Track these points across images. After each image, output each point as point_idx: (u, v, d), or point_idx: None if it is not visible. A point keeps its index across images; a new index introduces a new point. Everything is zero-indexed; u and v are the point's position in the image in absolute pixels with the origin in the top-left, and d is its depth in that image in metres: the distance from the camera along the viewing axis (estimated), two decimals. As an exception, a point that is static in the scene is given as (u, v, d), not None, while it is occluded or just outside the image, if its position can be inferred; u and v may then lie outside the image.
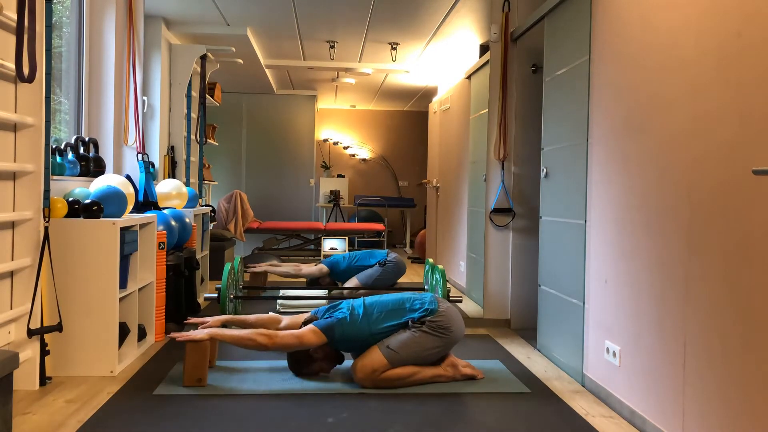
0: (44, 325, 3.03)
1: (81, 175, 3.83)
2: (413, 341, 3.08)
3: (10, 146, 2.91)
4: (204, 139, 6.16)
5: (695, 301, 2.24)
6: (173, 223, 4.24)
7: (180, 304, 4.32)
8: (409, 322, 3.12)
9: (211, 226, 6.04)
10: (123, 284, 3.45)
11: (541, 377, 3.32)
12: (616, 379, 2.85)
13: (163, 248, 3.92)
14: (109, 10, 4.39)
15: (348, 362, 3.52)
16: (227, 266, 4.24)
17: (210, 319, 3.25)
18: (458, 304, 5.04)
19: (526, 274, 4.53)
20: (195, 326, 3.29)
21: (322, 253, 7.65)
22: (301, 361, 3.20)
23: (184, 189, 4.76)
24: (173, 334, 3.06)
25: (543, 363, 3.61)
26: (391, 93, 9.06)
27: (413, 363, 3.09)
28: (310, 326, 3.10)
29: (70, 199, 3.32)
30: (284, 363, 3.43)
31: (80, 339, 3.19)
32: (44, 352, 3.03)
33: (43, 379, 3.02)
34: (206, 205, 6.21)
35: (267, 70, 7.48)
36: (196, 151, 6.07)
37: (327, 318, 3.14)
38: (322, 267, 5.30)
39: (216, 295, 4.35)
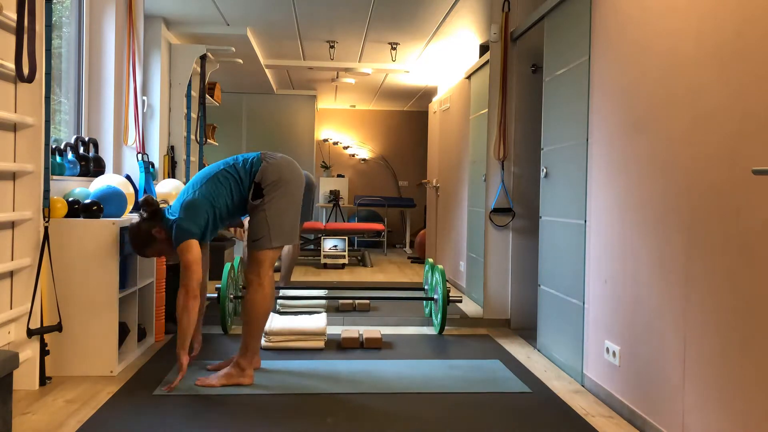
0: (44, 325, 3.03)
1: (81, 175, 3.83)
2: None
3: (10, 146, 2.91)
4: (204, 139, 6.16)
5: (695, 301, 2.24)
6: (173, 223, 4.23)
7: (180, 304, 4.31)
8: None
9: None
10: (123, 284, 3.45)
11: (541, 377, 3.32)
12: (616, 379, 2.85)
13: (163, 248, 3.92)
14: (109, 10, 4.39)
15: (351, 364, 3.52)
16: (227, 266, 4.24)
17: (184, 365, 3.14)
18: (458, 304, 5.04)
19: (526, 274, 4.53)
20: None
21: (323, 253, 7.65)
22: (144, 242, 3.15)
23: (184, 189, 4.76)
24: (168, 388, 2.98)
25: (543, 363, 3.61)
26: (391, 93, 9.06)
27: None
28: (178, 251, 3.03)
29: (70, 199, 3.32)
30: (284, 363, 3.43)
31: (80, 339, 3.19)
32: (44, 352, 3.03)
33: (43, 379, 3.02)
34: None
35: (267, 70, 7.48)
36: (196, 151, 6.07)
37: (172, 231, 3.05)
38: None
39: (216, 295, 4.35)
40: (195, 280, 3.00)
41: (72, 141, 3.86)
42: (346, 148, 10.71)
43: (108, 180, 3.68)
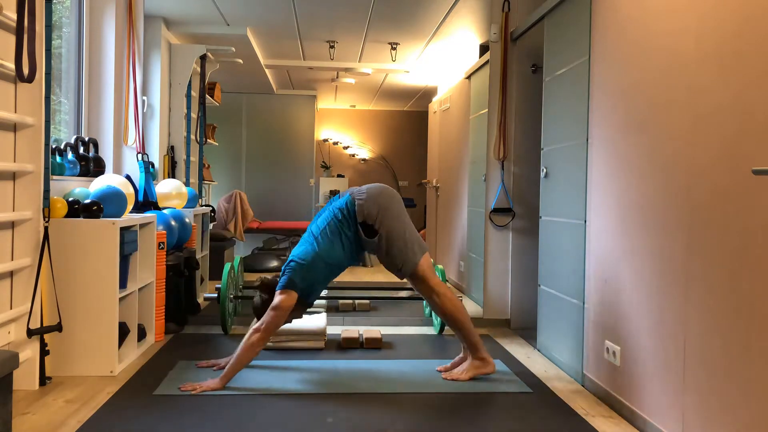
0: (44, 325, 3.03)
1: (81, 175, 3.83)
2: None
3: (9, 146, 2.91)
4: (204, 139, 6.16)
5: (695, 301, 2.24)
6: (173, 223, 4.24)
7: (180, 304, 4.32)
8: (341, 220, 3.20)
9: (210, 226, 6.04)
10: (123, 284, 3.45)
11: (541, 377, 3.32)
12: (616, 379, 2.85)
13: (163, 248, 3.92)
14: (109, 10, 4.39)
15: (351, 364, 3.52)
16: (227, 266, 4.24)
17: (222, 361, 3.31)
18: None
19: (526, 274, 4.53)
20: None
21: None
22: (264, 309, 3.23)
23: (184, 189, 4.76)
24: (185, 387, 2.99)
25: (543, 363, 3.61)
26: (390, 93, 9.06)
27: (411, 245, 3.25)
28: (277, 293, 3.15)
29: (70, 199, 3.32)
30: (284, 363, 3.43)
31: (80, 339, 3.19)
32: (44, 352, 3.03)
33: (43, 379, 3.02)
34: (206, 205, 6.21)
35: (267, 70, 7.48)
36: (195, 151, 6.07)
37: (281, 276, 3.19)
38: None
39: (216, 295, 4.35)
40: (275, 325, 3.12)
41: (72, 141, 3.86)
42: (346, 148, 10.71)
43: (108, 180, 3.68)
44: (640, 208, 2.66)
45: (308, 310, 4.66)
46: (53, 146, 3.60)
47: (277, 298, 3.12)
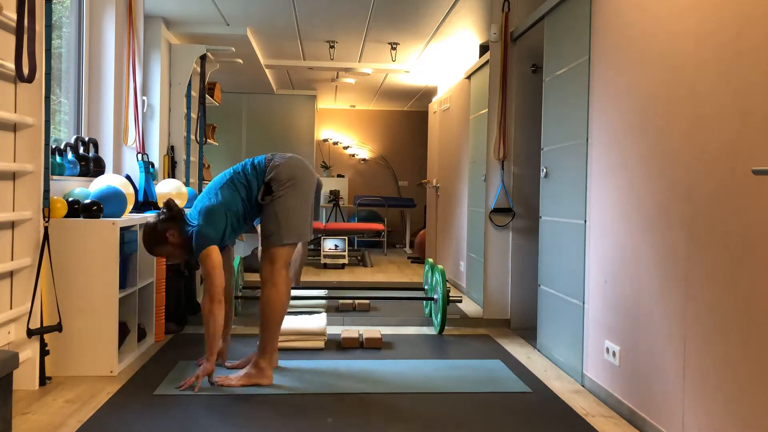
0: (44, 325, 3.03)
1: (81, 175, 3.83)
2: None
3: (9, 146, 2.91)
4: (204, 139, 6.16)
5: (695, 301, 2.24)
6: (173, 223, 4.23)
7: (180, 304, 4.32)
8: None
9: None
10: (123, 284, 3.45)
11: (541, 377, 3.32)
12: (616, 379, 2.85)
13: (163, 248, 3.91)
14: (109, 10, 4.39)
15: (351, 364, 3.52)
16: (227, 266, 4.23)
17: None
18: (458, 304, 5.04)
19: (526, 274, 4.53)
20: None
21: (323, 253, 7.65)
22: (156, 241, 3.17)
23: (184, 189, 4.76)
24: (183, 386, 3.00)
25: (543, 363, 3.61)
26: (390, 93, 9.06)
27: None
28: (199, 260, 3.06)
29: (70, 199, 3.32)
30: (284, 363, 3.43)
31: (80, 339, 3.19)
32: (44, 352, 3.03)
33: (43, 379, 3.02)
34: (206, 205, 6.19)
35: (267, 70, 7.48)
36: (195, 151, 6.06)
37: (194, 239, 3.07)
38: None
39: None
40: (218, 285, 3.03)
41: (72, 141, 3.86)
42: (346, 148, 10.71)
43: (108, 180, 3.68)
44: (640, 208, 2.66)
45: (308, 310, 4.68)
46: (53, 146, 3.60)
47: (204, 263, 3.03)
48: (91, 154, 4.01)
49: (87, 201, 3.31)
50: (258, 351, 3.15)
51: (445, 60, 6.72)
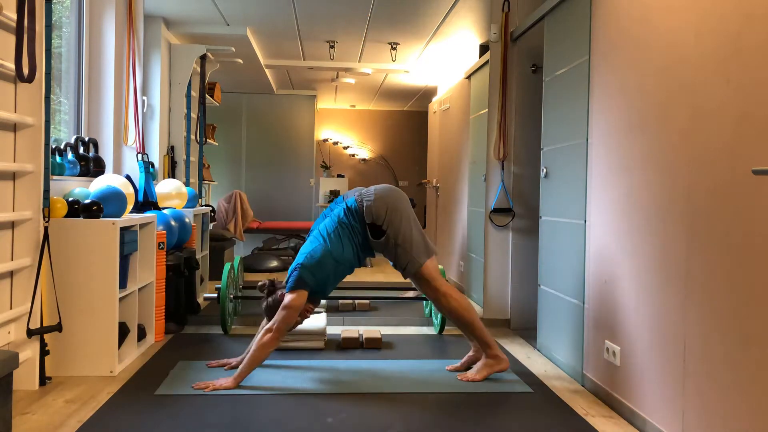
0: (44, 325, 3.03)
1: (81, 175, 3.83)
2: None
3: (9, 146, 2.91)
4: (204, 139, 6.16)
5: (695, 301, 2.24)
6: (173, 223, 4.24)
7: (180, 304, 4.31)
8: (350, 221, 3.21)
9: (210, 226, 6.04)
10: (123, 284, 3.45)
11: (541, 377, 3.32)
12: (616, 379, 2.85)
13: (162, 248, 3.92)
14: (109, 10, 4.39)
15: (351, 364, 3.52)
16: (227, 266, 4.23)
17: (233, 360, 3.34)
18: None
19: (526, 274, 4.53)
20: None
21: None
22: (275, 308, 3.23)
23: (184, 189, 4.76)
24: (198, 386, 3.01)
25: (543, 363, 3.61)
26: (390, 93, 9.06)
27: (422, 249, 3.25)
28: (287, 293, 3.15)
29: (70, 199, 3.32)
30: (284, 363, 3.43)
31: (80, 339, 3.19)
32: (44, 352, 3.03)
33: (43, 379, 3.02)
34: (206, 205, 6.21)
35: (267, 70, 7.48)
36: (195, 151, 6.07)
37: (290, 276, 3.17)
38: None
39: (216, 295, 4.35)
40: (287, 325, 3.12)
41: (72, 141, 3.86)
42: (346, 148, 10.71)
43: (108, 180, 3.68)
44: (640, 207, 2.66)
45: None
46: (53, 146, 3.60)
47: (288, 297, 3.12)
48: (91, 154, 4.01)
49: (87, 201, 3.31)
50: (484, 348, 3.28)
51: (445, 60, 6.72)
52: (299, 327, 3.77)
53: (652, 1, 2.60)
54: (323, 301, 4.89)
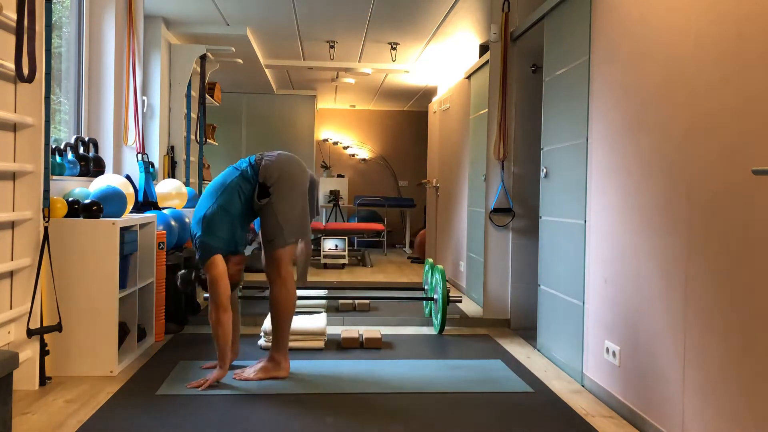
0: (44, 325, 3.03)
1: (81, 175, 3.83)
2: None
3: (9, 146, 2.91)
4: (204, 139, 6.16)
5: (695, 301, 2.24)
6: (173, 223, 4.24)
7: (180, 304, 4.32)
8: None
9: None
10: (123, 284, 3.45)
11: (541, 377, 3.32)
12: (616, 379, 2.85)
13: (162, 248, 3.92)
14: (109, 10, 4.39)
15: (351, 364, 3.52)
16: (227, 266, 4.23)
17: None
18: (458, 304, 5.04)
19: (526, 274, 4.53)
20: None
21: (323, 253, 7.65)
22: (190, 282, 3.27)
23: (184, 189, 4.76)
24: (192, 384, 3.03)
25: (543, 363, 3.61)
26: (390, 93, 9.06)
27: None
28: (204, 269, 3.11)
29: (70, 199, 3.32)
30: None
31: (80, 339, 3.19)
32: (44, 352, 3.03)
33: (43, 379, 3.02)
34: (206, 205, 6.19)
35: (267, 70, 7.48)
36: (195, 151, 6.07)
37: (197, 252, 3.11)
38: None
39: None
40: (222, 294, 3.07)
41: (72, 141, 3.86)
42: (346, 148, 10.71)
43: (108, 180, 3.68)
44: (640, 208, 2.66)
45: (308, 310, 4.68)
46: (53, 146, 3.60)
47: (208, 273, 3.07)
48: (91, 154, 4.01)
49: (87, 201, 3.31)
50: (273, 346, 3.21)
51: (445, 60, 6.72)
52: (299, 327, 3.77)
53: (652, 1, 2.60)
54: (323, 301, 4.89)
